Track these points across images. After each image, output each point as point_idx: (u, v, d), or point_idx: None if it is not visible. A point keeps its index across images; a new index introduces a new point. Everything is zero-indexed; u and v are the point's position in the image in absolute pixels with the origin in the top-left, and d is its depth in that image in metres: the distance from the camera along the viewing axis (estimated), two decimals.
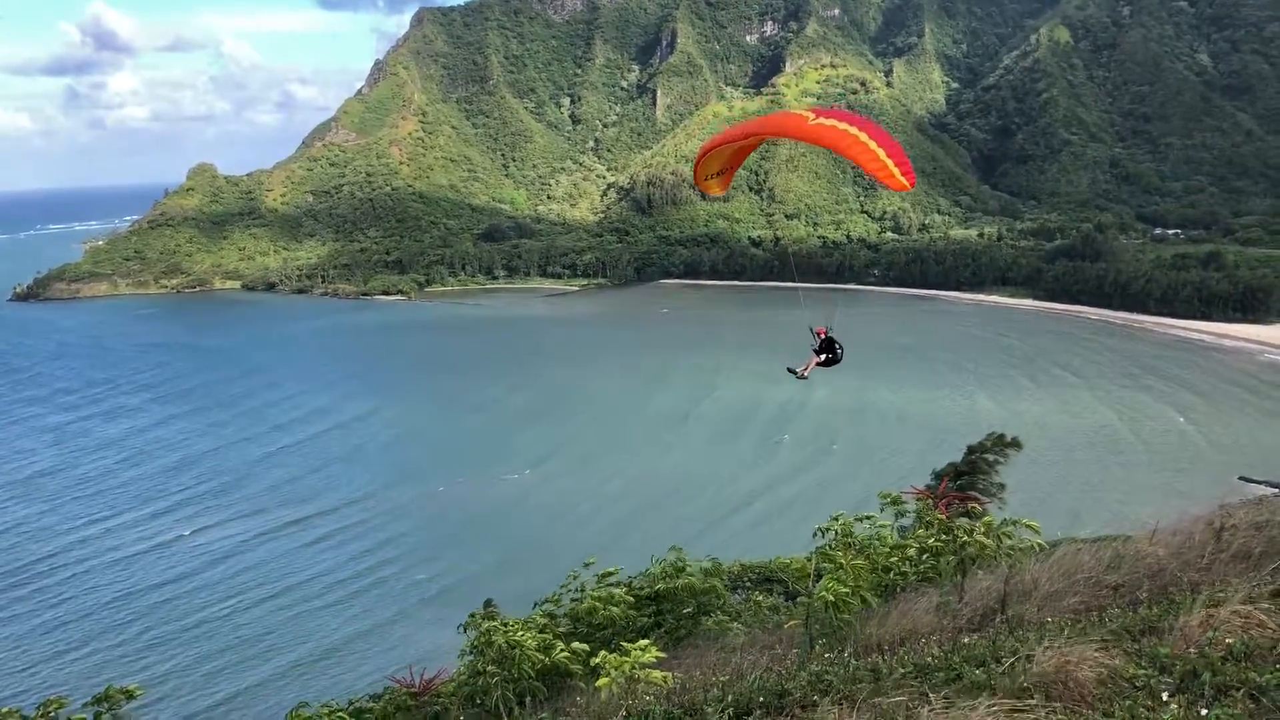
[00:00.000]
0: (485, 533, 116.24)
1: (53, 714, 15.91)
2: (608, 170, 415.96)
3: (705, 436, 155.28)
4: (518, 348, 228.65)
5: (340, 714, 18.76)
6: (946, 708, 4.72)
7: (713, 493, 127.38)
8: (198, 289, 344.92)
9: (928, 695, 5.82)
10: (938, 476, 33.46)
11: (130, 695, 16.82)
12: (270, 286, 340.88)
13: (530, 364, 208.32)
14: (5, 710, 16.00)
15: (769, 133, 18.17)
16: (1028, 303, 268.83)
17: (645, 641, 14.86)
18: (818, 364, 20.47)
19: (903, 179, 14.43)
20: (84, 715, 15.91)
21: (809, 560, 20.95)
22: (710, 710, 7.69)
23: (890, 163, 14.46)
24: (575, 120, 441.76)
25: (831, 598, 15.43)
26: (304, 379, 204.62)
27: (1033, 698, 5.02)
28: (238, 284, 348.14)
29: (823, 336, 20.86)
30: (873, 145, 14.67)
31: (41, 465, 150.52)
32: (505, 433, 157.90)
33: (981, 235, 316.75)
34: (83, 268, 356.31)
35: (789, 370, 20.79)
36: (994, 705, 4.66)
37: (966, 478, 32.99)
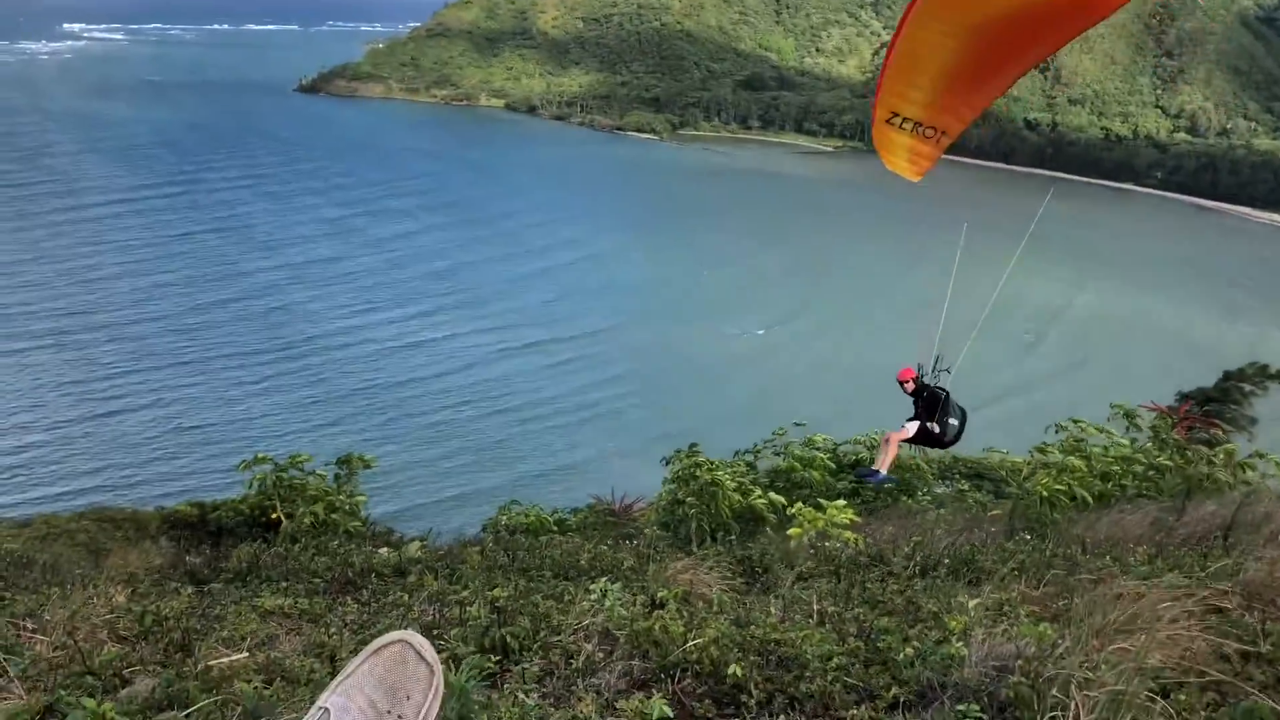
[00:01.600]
0: (710, 384, 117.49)
1: (300, 465, 18.19)
2: (884, 29, 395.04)
3: (955, 324, 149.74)
4: (768, 203, 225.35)
5: (545, 516, 20.50)
6: (1137, 589, 4.86)
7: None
8: (464, 102, 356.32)
9: (1120, 579, 5.91)
10: (1182, 397, 31.70)
11: (366, 464, 19.05)
12: (531, 109, 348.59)
13: (780, 221, 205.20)
14: (260, 455, 18.18)
15: None
16: None
17: (842, 502, 15.29)
18: (905, 441, 13.62)
19: None
20: (324, 472, 17.92)
21: (1027, 460, 20.57)
22: (895, 561, 7.96)
23: None
24: None
25: (1045, 493, 15.29)
26: (560, 207, 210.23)
27: (1231, 600, 5.08)
28: (501, 103, 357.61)
29: (911, 383, 13.89)
30: None
31: (317, 254, 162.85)
32: (748, 288, 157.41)
33: None
34: (362, 68, 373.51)
35: (858, 477, 13.82)
36: (1185, 593, 4.77)
37: (1215, 404, 31.09)
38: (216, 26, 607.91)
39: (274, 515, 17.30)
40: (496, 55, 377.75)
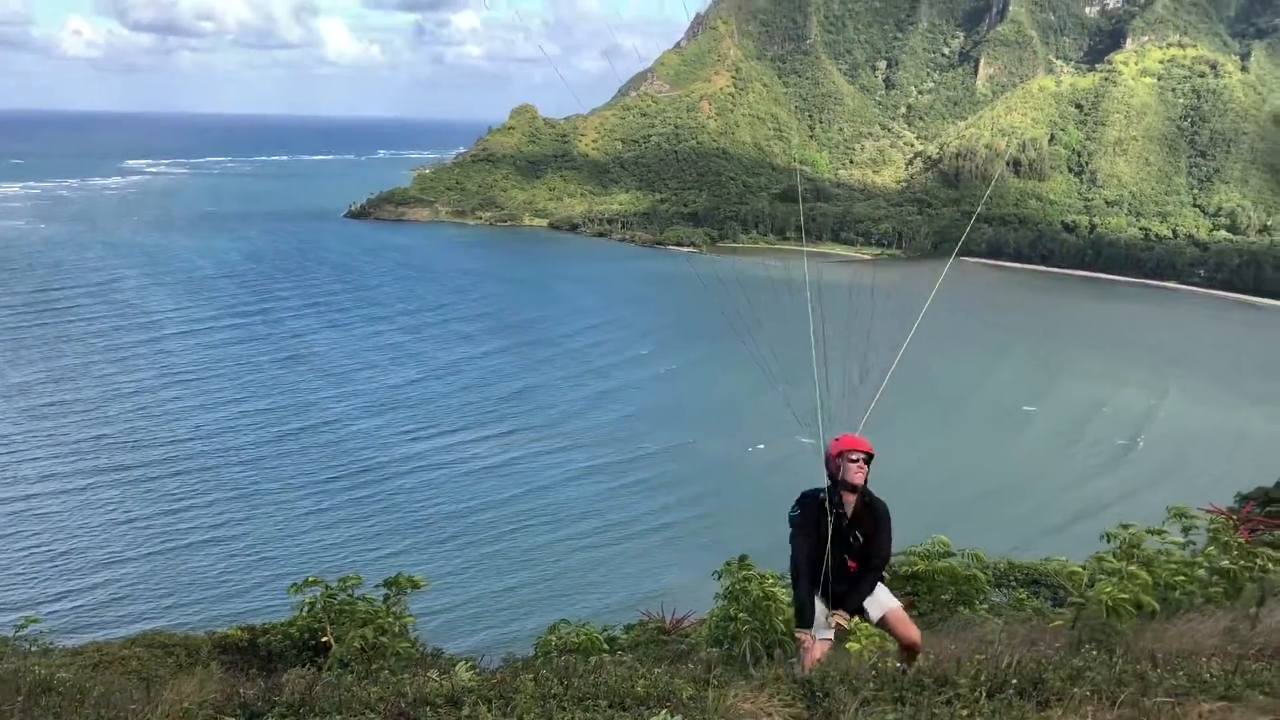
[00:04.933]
0: (781, 498, 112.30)
1: (349, 588, 18.01)
2: (917, 139, 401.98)
3: (1042, 432, 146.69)
4: (821, 313, 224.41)
5: (595, 635, 20.01)
6: (1217, 711, 4.64)
7: (1049, 495, 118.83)
8: (508, 223, 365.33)
9: (1199, 701, 5.64)
10: (1243, 499, 30.77)
11: (415, 585, 18.69)
12: (573, 227, 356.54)
13: (835, 331, 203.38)
14: (312, 579, 17.96)
15: None
16: None
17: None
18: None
19: None
20: (374, 595, 17.76)
21: (1084, 567, 19.94)
22: (961, 682, 7.68)
23: None
24: (889, 85, 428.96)
25: (1109, 602, 14.75)
26: (622, 326, 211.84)
27: None
28: (544, 222, 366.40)
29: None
30: None
31: (382, 381, 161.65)
32: (820, 400, 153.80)
33: None
34: (410, 193, 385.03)
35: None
36: (1273, 715, 4.55)
37: (1278, 505, 30.10)
38: (272, 158, 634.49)
39: (324, 639, 17.13)
40: (539, 177, 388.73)
